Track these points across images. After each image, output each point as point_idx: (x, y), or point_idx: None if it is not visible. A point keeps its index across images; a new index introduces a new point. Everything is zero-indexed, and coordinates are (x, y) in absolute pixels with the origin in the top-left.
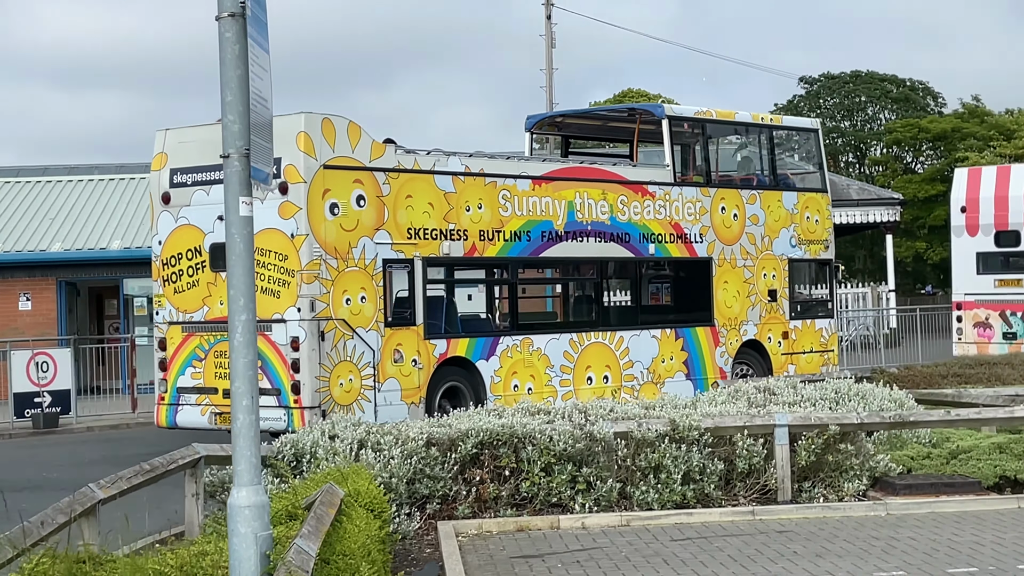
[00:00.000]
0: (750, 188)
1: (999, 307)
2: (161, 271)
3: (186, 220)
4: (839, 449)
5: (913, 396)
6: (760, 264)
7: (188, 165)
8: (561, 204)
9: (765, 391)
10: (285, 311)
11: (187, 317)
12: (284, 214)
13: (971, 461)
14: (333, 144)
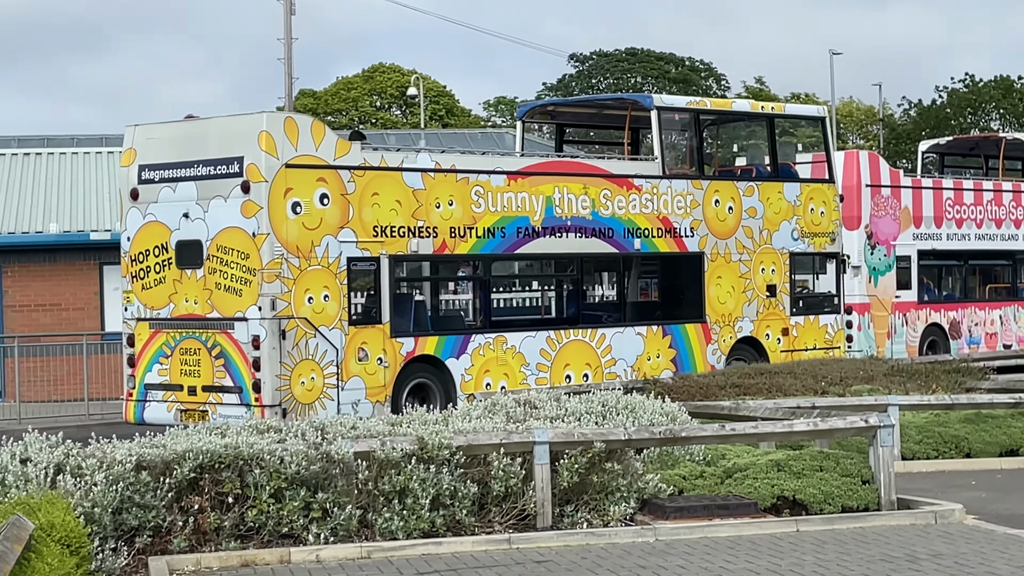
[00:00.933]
0: (748, 180)
1: None
2: (129, 267)
3: (153, 217)
4: (605, 468)
5: (687, 409)
6: (758, 258)
7: (156, 162)
8: (539, 199)
9: (526, 404)
10: (247, 309)
11: (154, 313)
12: (246, 213)
13: (747, 480)
14: (296, 143)
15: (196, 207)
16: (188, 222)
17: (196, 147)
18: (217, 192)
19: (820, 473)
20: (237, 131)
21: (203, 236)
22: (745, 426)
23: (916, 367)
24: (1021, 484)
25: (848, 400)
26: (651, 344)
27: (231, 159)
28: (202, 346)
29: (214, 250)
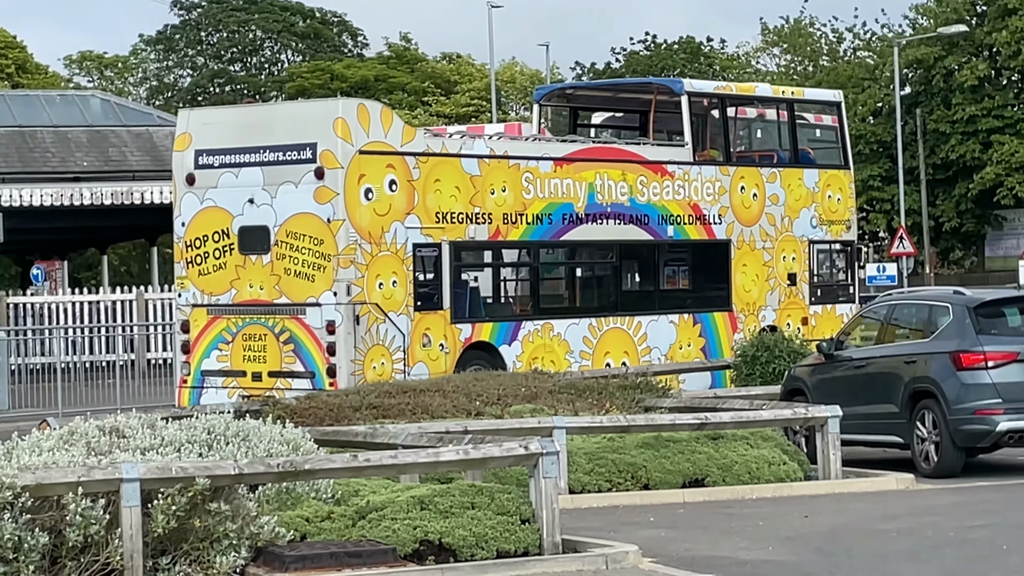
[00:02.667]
0: (770, 166)
1: None
2: (184, 253)
3: (212, 202)
4: (210, 510)
5: (314, 436)
6: (780, 246)
7: (215, 147)
8: (582, 186)
9: (112, 432)
10: (320, 295)
11: (213, 299)
12: (320, 199)
13: (385, 521)
14: (368, 129)
15: (262, 193)
16: (253, 208)
17: (261, 133)
18: (286, 178)
19: (472, 511)
20: (309, 117)
21: (270, 222)
22: (383, 456)
23: (587, 383)
24: (705, 520)
25: (507, 423)
26: (683, 333)
27: (303, 145)
28: (268, 332)
29: (283, 236)
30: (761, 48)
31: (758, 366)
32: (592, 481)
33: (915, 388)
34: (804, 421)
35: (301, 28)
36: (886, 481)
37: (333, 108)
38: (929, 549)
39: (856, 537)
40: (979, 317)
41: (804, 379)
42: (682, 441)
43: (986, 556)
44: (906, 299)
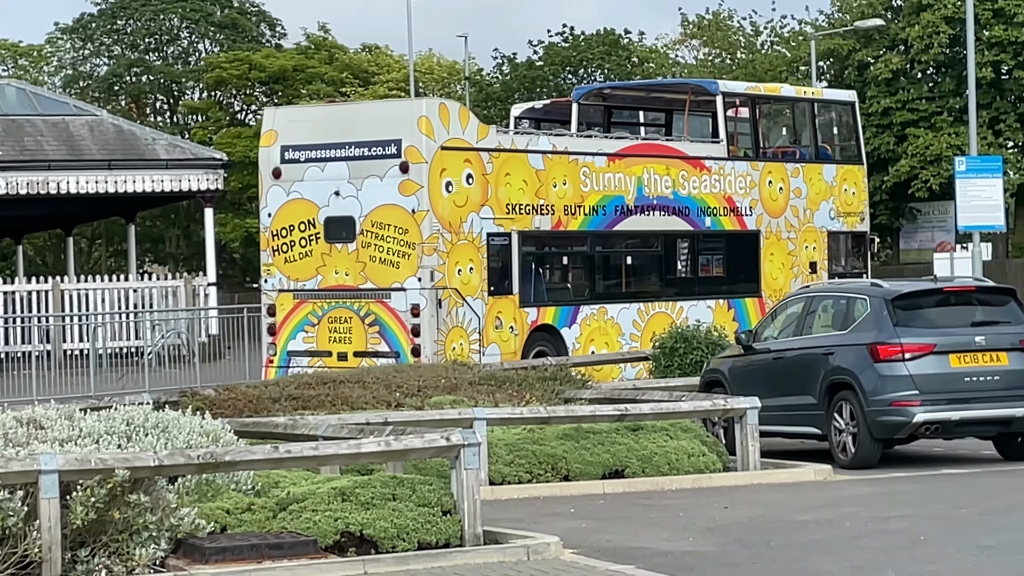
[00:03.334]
0: (794, 161)
1: None
2: (271, 241)
3: (299, 194)
4: (129, 502)
5: (234, 427)
6: (802, 236)
7: (301, 143)
8: (631, 180)
9: (29, 424)
10: (405, 280)
11: (299, 285)
12: (405, 191)
13: (306, 513)
14: (448, 126)
15: (348, 186)
16: (339, 200)
17: (346, 130)
18: (372, 172)
19: (393, 503)
20: (394, 115)
21: (356, 213)
22: (304, 447)
23: (507, 374)
24: (625, 511)
25: (428, 414)
26: (718, 317)
27: (388, 141)
28: (354, 315)
29: (368, 225)
30: (680, 40)
31: (676, 357)
32: (512, 472)
33: (833, 380)
34: (723, 412)
35: (219, 18)
36: (804, 472)
37: (417, 107)
38: (847, 539)
39: (775, 528)
40: (896, 309)
41: (723, 370)
42: (602, 432)
43: (904, 547)
44: (824, 291)
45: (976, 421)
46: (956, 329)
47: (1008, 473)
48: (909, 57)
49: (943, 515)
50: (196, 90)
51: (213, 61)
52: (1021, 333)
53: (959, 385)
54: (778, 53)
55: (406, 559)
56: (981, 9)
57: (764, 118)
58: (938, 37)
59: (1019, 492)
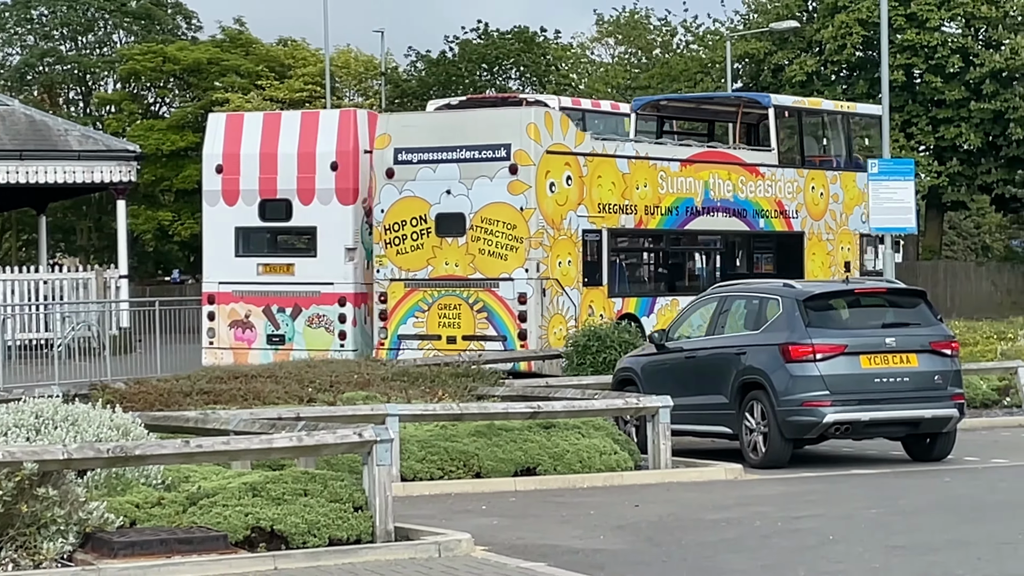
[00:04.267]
0: (832, 169)
1: (264, 301)
2: (383, 235)
3: (411, 193)
4: (37, 496)
5: (145, 421)
6: (839, 238)
7: (413, 146)
8: (699, 183)
9: None
10: (512, 271)
11: (410, 275)
12: (514, 191)
13: (216, 508)
14: (552, 132)
15: (459, 185)
16: (450, 198)
17: (457, 134)
18: (482, 173)
19: (304, 498)
20: (503, 122)
21: (466, 210)
22: (215, 442)
23: (420, 370)
24: (537, 508)
25: (340, 410)
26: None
27: (498, 145)
28: (463, 302)
29: (478, 221)
30: (596, 39)
31: (590, 356)
32: (424, 469)
33: (744, 379)
34: (635, 411)
35: (134, 8)
36: (715, 471)
37: (526, 115)
38: (757, 539)
39: (686, 526)
40: (808, 310)
41: (635, 369)
42: (514, 430)
43: (813, 546)
44: (737, 291)
45: (886, 422)
46: (867, 330)
47: (916, 474)
48: (823, 59)
49: (852, 515)
50: (109, 81)
51: (127, 53)
52: (931, 335)
53: (869, 386)
54: (694, 53)
55: (317, 555)
56: (894, 13)
57: (807, 129)
58: (851, 39)
59: (927, 493)
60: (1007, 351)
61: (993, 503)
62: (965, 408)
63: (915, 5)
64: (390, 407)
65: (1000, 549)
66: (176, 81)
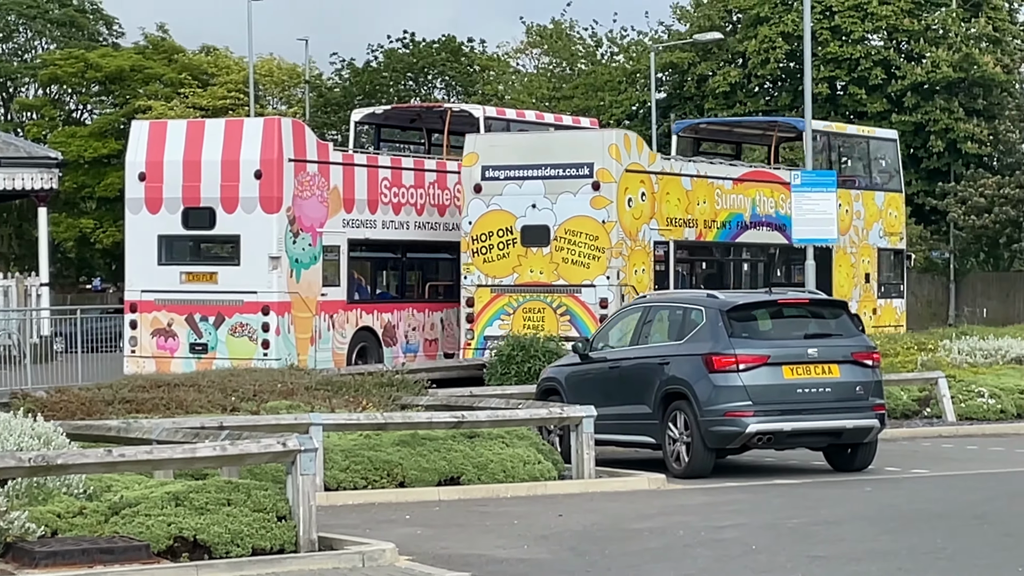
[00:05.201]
0: (855, 188)
1: (187, 309)
2: (470, 245)
3: (498, 206)
4: None
5: (66, 430)
6: (860, 252)
7: (500, 163)
8: (748, 200)
9: None
10: (595, 278)
11: (496, 281)
12: (596, 205)
13: (139, 518)
14: (629, 152)
15: (544, 200)
16: (535, 211)
17: (542, 153)
18: (566, 189)
19: (227, 508)
20: (586, 142)
21: (550, 222)
22: (138, 451)
23: (344, 379)
24: (461, 518)
25: (264, 419)
26: None
27: (581, 164)
28: (546, 306)
29: (561, 232)
30: (521, 49)
31: (514, 365)
32: (348, 478)
33: (668, 389)
34: (559, 421)
35: (56, 15)
36: (638, 481)
37: (608, 136)
38: (681, 548)
39: (609, 536)
40: (731, 320)
41: (559, 379)
42: (438, 439)
43: (736, 556)
44: (660, 301)
45: (808, 432)
46: (789, 341)
47: (838, 484)
48: (747, 71)
49: (775, 525)
50: (31, 87)
51: (49, 58)
52: (852, 346)
53: (792, 396)
54: (618, 64)
55: (240, 565)
56: (819, 27)
57: (835, 151)
58: (775, 52)
59: (849, 503)
60: (927, 362)
61: (914, 513)
62: (886, 418)
63: (839, 18)
64: (314, 416)
65: (920, 559)
66: (99, 87)
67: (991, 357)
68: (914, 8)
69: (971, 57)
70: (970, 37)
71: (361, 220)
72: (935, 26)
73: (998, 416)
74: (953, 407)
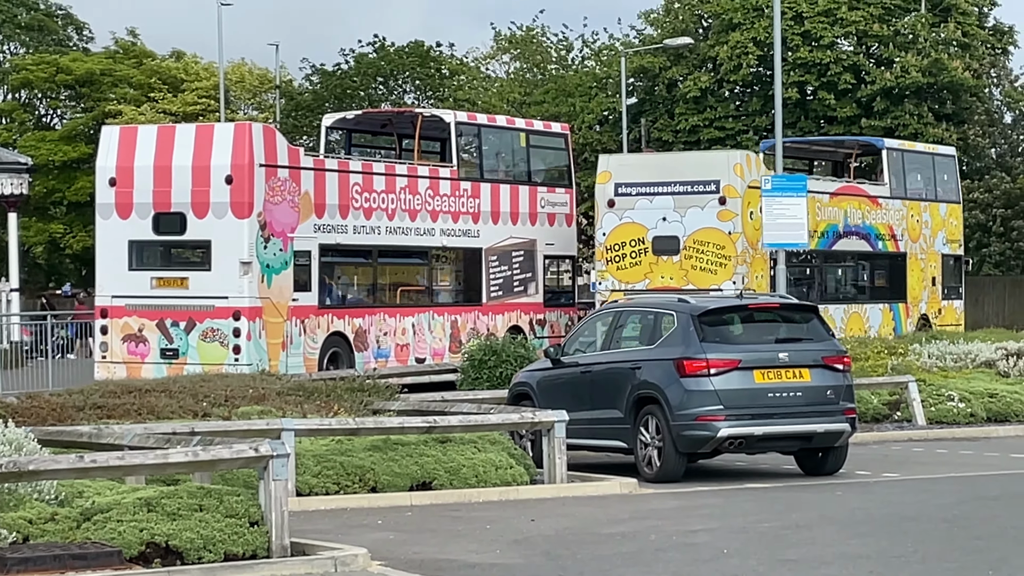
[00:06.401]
0: (923, 200)
1: (158, 315)
2: (604, 254)
3: (630, 219)
4: None
5: (38, 436)
6: (928, 258)
7: (631, 181)
8: (841, 212)
9: None
10: (722, 283)
11: (629, 286)
12: (722, 218)
13: (111, 523)
14: (751, 170)
15: (673, 213)
16: (665, 223)
17: (671, 172)
18: (694, 203)
19: (200, 513)
20: (713, 162)
21: (680, 233)
22: (109, 457)
23: (315, 385)
24: (433, 523)
25: (235, 424)
26: (884, 317)
27: (708, 181)
28: None
29: (690, 243)
30: (491, 55)
31: (486, 370)
32: (320, 483)
33: (639, 394)
34: (531, 425)
35: (25, 19)
36: (610, 485)
37: (732, 156)
38: (652, 552)
39: (581, 541)
40: (703, 325)
41: (531, 384)
42: (410, 444)
43: (707, 559)
44: (632, 306)
45: (779, 436)
46: (760, 345)
47: (809, 488)
48: (718, 77)
49: (746, 529)
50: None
51: (20, 63)
52: (823, 350)
53: (763, 401)
54: (589, 68)
55: (212, 571)
56: (789, 32)
57: (908, 167)
58: (747, 58)
59: (819, 507)
60: (898, 366)
61: (884, 517)
62: (857, 422)
63: (809, 23)
64: (285, 422)
65: (891, 563)
66: (68, 92)
67: (961, 361)
68: (884, 13)
69: (940, 62)
70: (939, 42)
71: (332, 225)
72: (904, 31)
73: (968, 420)
74: (923, 411)
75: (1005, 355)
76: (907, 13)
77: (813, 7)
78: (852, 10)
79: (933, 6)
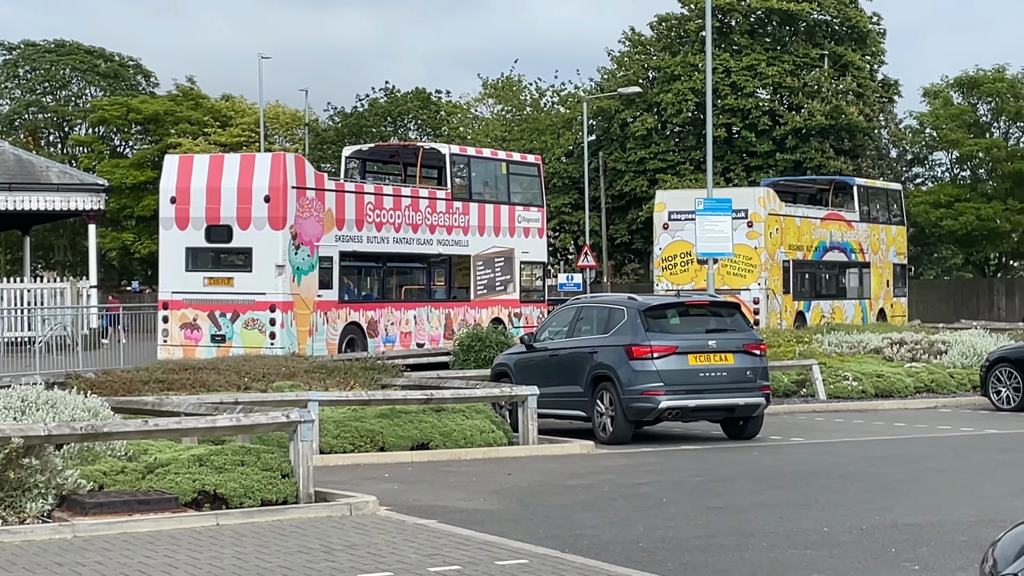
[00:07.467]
0: (881, 223)
1: (208, 307)
2: (661, 263)
3: (680, 237)
4: (23, 465)
5: (111, 404)
6: (884, 266)
7: (680, 209)
8: (828, 231)
9: None
10: (750, 285)
11: (680, 287)
12: (750, 237)
13: (169, 475)
14: (770, 202)
15: None
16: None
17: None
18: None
19: (242, 467)
20: (743, 196)
21: None
22: (169, 421)
23: (336, 364)
24: (429, 476)
25: (270, 396)
26: (856, 310)
27: (740, 209)
28: None
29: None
30: (479, 99)
31: (473, 354)
32: (339, 444)
33: (596, 373)
34: (509, 398)
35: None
36: (572, 447)
37: (758, 191)
38: (606, 501)
39: (548, 491)
40: (647, 318)
41: (509, 364)
42: (412, 412)
43: (650, 506)
44: (590, 302)
45: (708, 408)
46: (694, 335)
47: (732, 449)
48: (662, 119)
49: (681, 482)
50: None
51: (98, 104)
52: (744, 339)
53: (695, 379)
54: (557, 111)
55: (251, 513)
56: (720, 83)
57: (871, 199)
58: (686, 104)
59: (740, 464)
60: (804, 352)
61: (792, 473)
62: (771, 397)
63: (735, 76)
64: (311, 394)
65: (797, 509)
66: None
67: (855, 348)
68: (795, 68)
69: (840, 108)
70: (839, 92)
71: (350, 236)
72: (811, 83)
73: (860, 395)
74: (824, 388)
75: (890, 343)
76: (813, 68)
77: (739, 63)
78: (769, 66)
79: (834, 63)
